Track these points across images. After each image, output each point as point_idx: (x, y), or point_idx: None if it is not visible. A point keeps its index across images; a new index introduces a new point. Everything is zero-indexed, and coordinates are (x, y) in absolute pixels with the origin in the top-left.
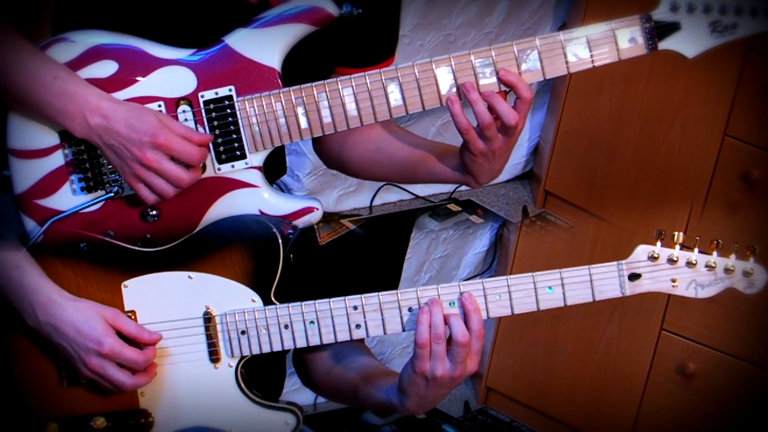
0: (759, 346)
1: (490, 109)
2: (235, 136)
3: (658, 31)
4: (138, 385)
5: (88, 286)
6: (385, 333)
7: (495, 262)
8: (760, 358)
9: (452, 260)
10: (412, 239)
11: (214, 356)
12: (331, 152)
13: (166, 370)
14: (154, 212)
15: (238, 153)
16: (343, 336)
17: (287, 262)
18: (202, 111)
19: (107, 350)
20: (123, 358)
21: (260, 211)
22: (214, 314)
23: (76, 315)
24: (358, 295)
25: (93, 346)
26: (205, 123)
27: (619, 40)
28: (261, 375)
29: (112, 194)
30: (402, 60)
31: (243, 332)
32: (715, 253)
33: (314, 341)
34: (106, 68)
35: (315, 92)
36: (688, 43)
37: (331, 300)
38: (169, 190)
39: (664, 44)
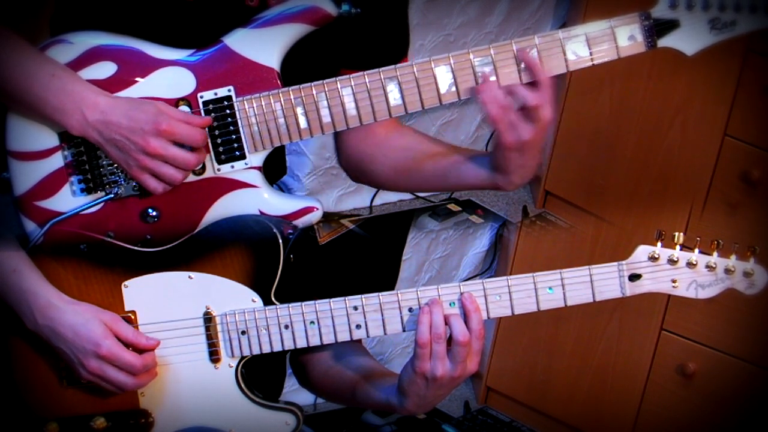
0: (759, 346)
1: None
2: (234, 136)
3: (657, 29)
4: (139, 385)
5: (88, 287)
6: (385, 333)
7: (495, 262)
8: (760, 358)
9: (452, 260)
10: (413, 239)
11: (214, 356)
12: (360, 164)
13: (167, 370)
14: (154, 213)
15: (237, 153)
16: (343, 336)
17: (287, 262)
18: (201, 112)
19: (105, 352)
20: (121, 360)
21: (260, 211)
22: (214, 314)
23: (74, 318)
24: (359, 296)
25: (91, 348)
26: None
27: (619, 37)
28: (261, 375)
29: (112, 195)
30: None
31: (243, 332)
32: (715, 254)
33: (314, 341)
34: (105, 69)
35: (314, 92)
36: (688, 40)
37: (332, 300)
38: (178, 176)
39: (664, 42)
